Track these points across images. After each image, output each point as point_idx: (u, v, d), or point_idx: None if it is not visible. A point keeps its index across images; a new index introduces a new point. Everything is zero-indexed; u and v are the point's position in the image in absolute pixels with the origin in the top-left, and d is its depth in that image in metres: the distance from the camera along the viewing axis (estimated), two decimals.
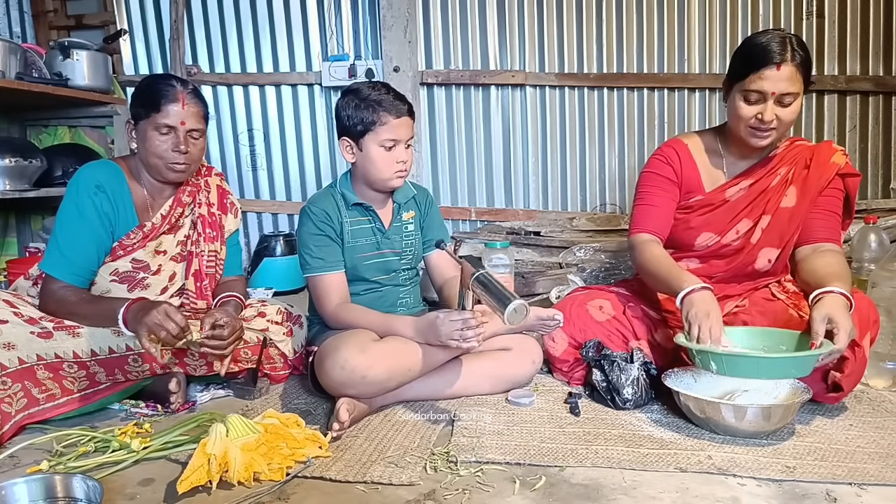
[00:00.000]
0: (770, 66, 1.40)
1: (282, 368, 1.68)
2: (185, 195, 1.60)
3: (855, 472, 1.13)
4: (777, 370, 1.29)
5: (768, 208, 1.55)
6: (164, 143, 1.47)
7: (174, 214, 1.57)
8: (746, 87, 1.44)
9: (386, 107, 1.49)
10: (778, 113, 1.43)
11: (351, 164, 1.58)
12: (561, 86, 3.10)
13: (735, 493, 1.09)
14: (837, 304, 1.31)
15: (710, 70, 2.99)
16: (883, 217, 2.42)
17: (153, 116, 1.46)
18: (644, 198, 1.64)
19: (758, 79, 1.42)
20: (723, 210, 1.58)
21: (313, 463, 1.18)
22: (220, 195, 1.70)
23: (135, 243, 1.52)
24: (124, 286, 1.52)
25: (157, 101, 1.46)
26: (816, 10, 2.88)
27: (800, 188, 1.54)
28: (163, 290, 1.56)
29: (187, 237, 1.61)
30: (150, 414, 1.46)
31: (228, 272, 1.69)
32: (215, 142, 3.34)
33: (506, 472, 1.16)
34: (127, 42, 3.24)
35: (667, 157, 1.63)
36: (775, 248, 1.57)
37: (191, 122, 1.49)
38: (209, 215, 1.64)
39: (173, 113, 1.46)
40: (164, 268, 1.56)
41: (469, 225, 3.27)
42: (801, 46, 1.43)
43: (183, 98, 1.47)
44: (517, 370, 1.58)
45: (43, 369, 1.35)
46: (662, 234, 1.60)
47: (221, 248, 1.66)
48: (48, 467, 1.14)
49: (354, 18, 3.16)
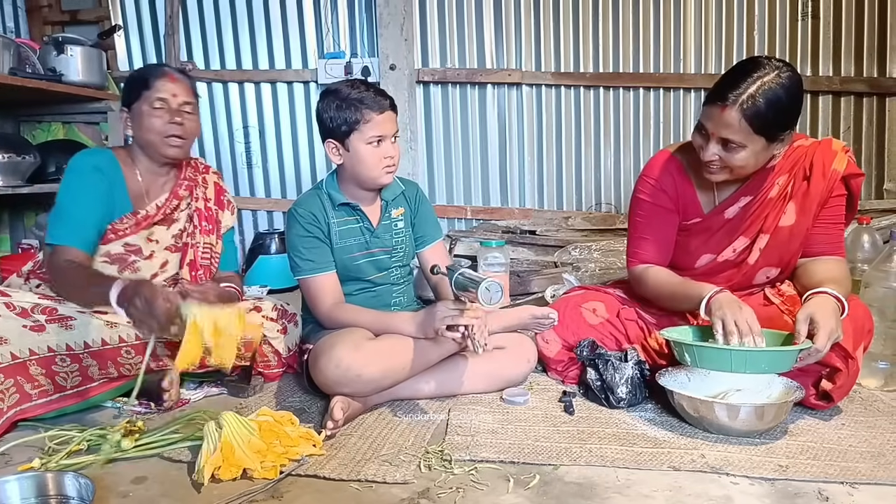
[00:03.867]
0: (711, 105, 1.30)
1: (276, 366, 1.67)
2: (182, 189, 1.63)
3: (847, 471, 1.14)
4: (750, 364, 1.28)
5: (766, 226, 1.47)
6: (160, 117, 1.51)
7: (170, 206, 1.60)
8: (701, 117, 1.36)
9: (368, 104, 1.47)
10: (720, 154, 1.34)
11: (338, 166, 1.57)
12: (557, 85, 3.10)
13: (728, 491, 1.09)
14: (822, 305, 1.29)
15: (706, 70, 3.00)
16: (876, 218, 2.43)
17: (145, 94, 1.51)
18: (639, 228, 1.57)
19: (704, 113, 1.33)
20: (723, 231, 1.52)
21: (307, 461, 1.18)
22: (218, 192, 1.73)
23: (127, 229, 1.54)
24: (115, 267, 1.54)
25: (147, 80, 1.51)
26: (812, 12, 2.89)
27: (799, 204, 1.45)
28: (153, 276, 1.57)
29: (182, 230, 1.63)
30: (142, 412, 1.46)
31: (224, 268, 1.71)
32: (210, 138, 3.33)
33: (500, 471, 1.16)
34: (121, 38, 3.23)
35: (661, 182, 1.52)
36: (775, 268, 1.53)
37: (182, 94, 1.53)
38: (206, 209, 1.67)
39: (164, 87, 1.51)
40: (156, 255, 1.59)
41: (465, 223, 3.26)
42: (765, 93, 1.27)
43: (171, 74, 1.54)
44: (512, 369, 1.58)
45: (35, 364, 1.35)
46: (663, 260, 1.56)
47: (217, 241, 1.69)
48: (40, 465, 1.13)
49: (351, 16, 3.16)
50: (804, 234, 1.48)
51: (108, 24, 3.20)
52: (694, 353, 1.31)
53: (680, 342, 1.33)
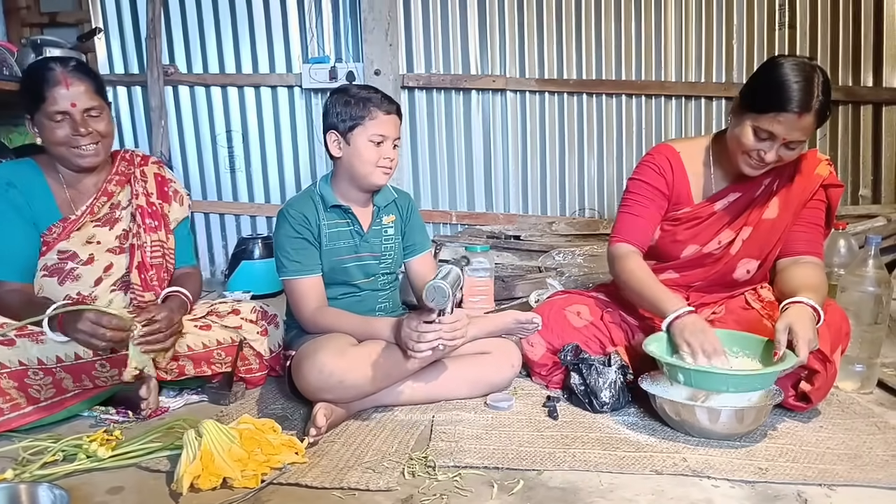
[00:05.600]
0: (790, 113, 1.33)
1: (258, 370, 1.65)
2: (112, 184, 1.56)
3: (825, 473, 1.16)
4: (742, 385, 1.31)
5: (750, 219, 1.54)
6: (63, 129, 1.42)
7: (99, 205, 1.53)
8: (758, 124, 1.37)
9: (376, 103, 1.51)
10: (782, 154, 1.40)
11: (335, 161, 1.57)
12: (541, 91, 3.12)
13: (709, 494, 1.10)
14: (800, 315, 1.33)
15: (685, 78, 3.04)
16: (852, 223, 2.48)
17: (42, 107, 1.42)
18: (631, 206, 1.61)
19: (774, 121, 1.35)
20: (710, 222, 1.57)
21: (289, 469, 1.17)
22: (160, 184, 1.65)
23: (57, 235, 1.48)
24: (54, 279, 1.48)
25: (40, 90, 1.41)
26: (789, 22, 2.95)
27: (782, 200, 1.53)
28: (97, 281, 1.52)
29: (127, 230, 1.57)
30: (120, 420, 1.43)
31: (180, 262, 1.65)
32: (193, 143, 3.29)
33: (484, 477, 1.16)
34: (102, 41, 3.18)
35: (660, 167, 1.58)
36: (755, 260, 1.58)
37: (82, 101, 1.43)
38: (148, 205, 1.60)
39: (60, 97, 1.41)
40: (97, 258, 1.52)
41: (450, 228, 3.27)
42: (825, 91, 1.34)
43: (65, 78, 1.41)
44: (496, 374, 1.58)
45: (7, 378, 1.31)
46: (643, 246, 1.59)
47: (168, 237, 1.63)
48: (13, 476, 1.10)
49: (335, 21, 3.15)
50: (784, 230, 1.54)
51: (88, 26, 3.15)
52: (690, 375, 1.33)
53: (672, 364, 1.36)
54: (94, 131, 1.45)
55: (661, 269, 1.63)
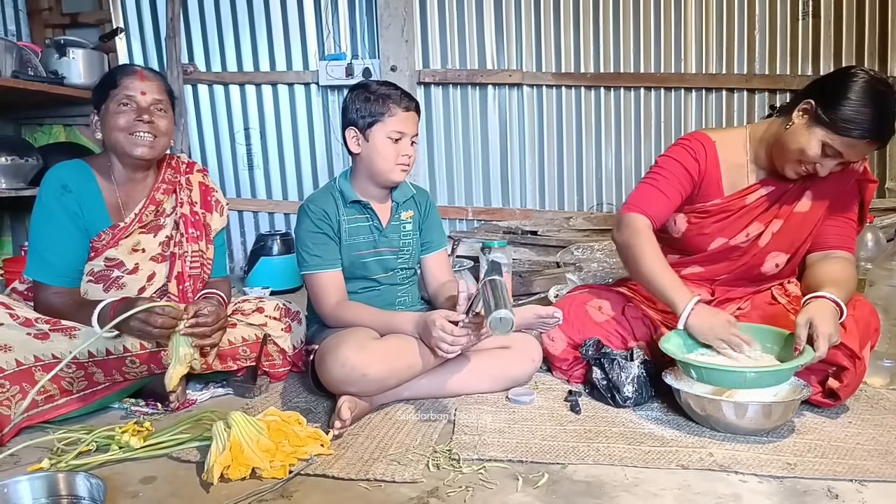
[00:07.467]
0: (867, 142, 1.32)
1: (281, 365, 1.67)
2: (160, 192, 1.57)
3: (855, 469, 1.14)
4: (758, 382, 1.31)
5: (781, 213, 1.51)
6: (126, 116, 1.46)
7: (147, 213, 1.54)
8: (831, 142, 1.34)
9: (395, 100, 1.52)
10: (833, 169, 1.39)
11: (354, 158, 1.58)
12: (558, 85, 3.10)
13: (736, 489, 1.09)
14: (821, 310, 1.31)
15: (706, 70, 3.01)
16: (879, 216, 2.43)
17: (112, 93, 1.46)
18: (656, 180, 1.54)
19: (848, 145, 1.33)
20: (739, 215, 1.54)
21: (316, 460, 1.18)
22: (203, 192, 1.67)
23: (106, 242, 1.50)
24: (100, 286, 1.50)
25: (114, 79, 1.47)
26: (812, 11, 2.90)
27: (816, 194, 1.50)
28: (140, 290, 1.54)
29: (169, 238, 1.58)
30: (149, 412, 1.45)
31: (214, 274, 1.67)
32: (212, 140, 3.33)
33: (508, 470, 1.16)
34: (123, 40, 3.23)
35: (695, 151, 1.53)
36: (784, 253, 1.55)
37: (152, 91, 1.48)
38: (192, 214, 1.61)
39: (132, 85, 1.46)
40: (141, 266, 1.54)
41: (466, 224, 3.27)
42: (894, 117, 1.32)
43: (141, 72, 1.48)
44: (517, 368, 1.58)
45: (40, 371, 1.34)
46: (658, 223, 1.54)
47: (208, 247, 1.64)
48: (49, 465, 1.13)
49: (351, 17, 3.16)
50: (816, 224, 1.51)
51: (109, 26, 3.20)
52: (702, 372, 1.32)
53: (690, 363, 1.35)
54: (155, 123, 1.48)
55: (685, 263, 1.61)
